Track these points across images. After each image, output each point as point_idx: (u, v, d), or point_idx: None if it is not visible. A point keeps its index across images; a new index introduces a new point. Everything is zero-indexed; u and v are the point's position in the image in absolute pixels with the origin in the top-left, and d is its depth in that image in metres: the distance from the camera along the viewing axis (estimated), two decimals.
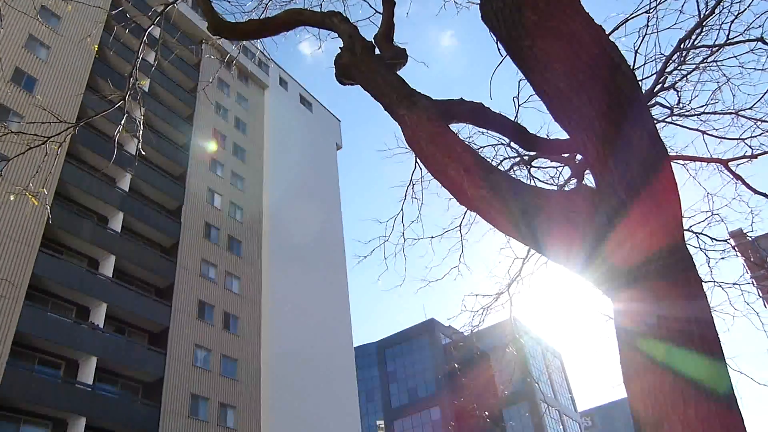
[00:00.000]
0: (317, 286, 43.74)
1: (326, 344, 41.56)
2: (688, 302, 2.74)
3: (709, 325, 2.76)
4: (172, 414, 28.64)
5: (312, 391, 37.82)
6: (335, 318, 44.62)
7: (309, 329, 40.53)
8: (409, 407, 58.98)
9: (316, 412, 37.18)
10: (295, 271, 41.88)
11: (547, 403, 56.07)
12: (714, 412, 2.38)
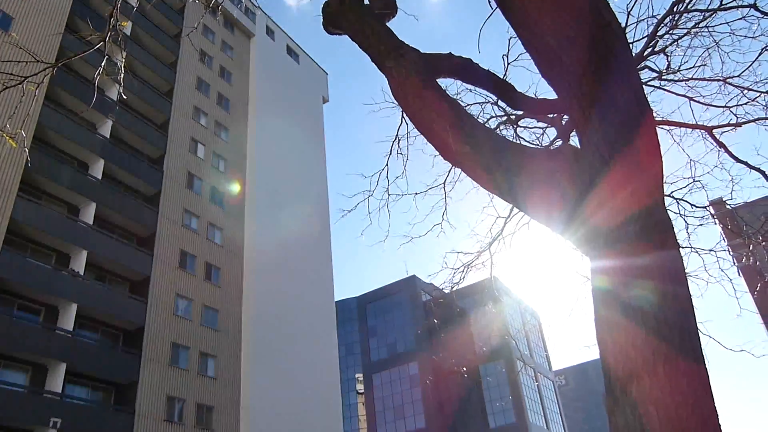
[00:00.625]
0: (300, 240, 43.82)
1: (307, 298, 41.90)
2: (663, 264, 2.78)
3: (683, 287, 2.81)
4: (152, 362, 28.88)
5: (292, 344, 38.29)
6: (317, 272, 44.89)
7: (291, 282, 40.77)
8: (388, 362, 60.08)
9: (296, 365, 37.72)
10: (278, 224, 41.85)
11: (523, 362, 57.30)
12: (682, 371, 2.44)
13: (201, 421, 30.20)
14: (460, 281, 7.75)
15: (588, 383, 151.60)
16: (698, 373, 2.49)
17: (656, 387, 2.41)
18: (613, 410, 2.55)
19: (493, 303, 7.84)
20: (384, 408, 58.00)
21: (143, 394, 27.93)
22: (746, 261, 8.72)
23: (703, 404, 2.43)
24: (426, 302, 59.70)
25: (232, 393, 32.34)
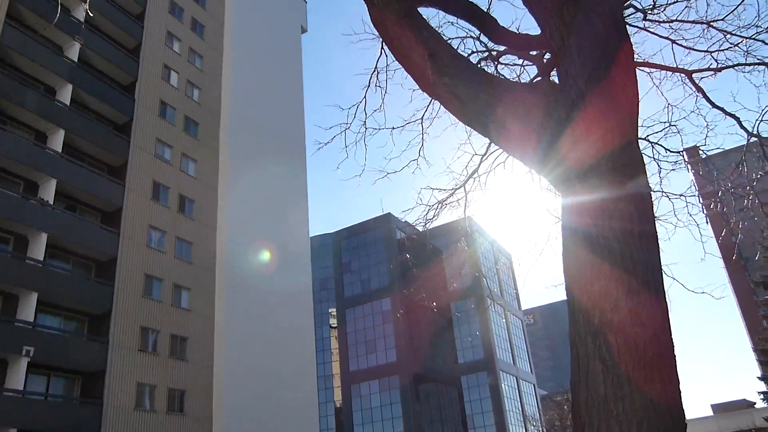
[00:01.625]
0: (276, 173, 43.51)
1: (282, 232, 41.97)
2: (633, 203, 2.80)
3: (651, 227, 2.84)
4: (126, 292, 28.89)
5: (267, 277, 38.57)
6: (293, 206, 44.84)
7: (266, 216, 40.71)
8: (362, 297, 61.06)
9: (270, 298, 38.12)
10: (253, 156, 41.40)
11: (494, 300, 58.71)
12: (642, 302, 2.52)
13: (175, 352, 30.56)
14: (435, 218, 7.76)
15: (555, 323, 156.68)
16: (659, 307, 2.58)
17: (618, 318, 2.49)
18: (576, 340, 2.62)
19: (466, 242, 7.91)
20: (356, 342, 59.36)
21: (117, 324, 28.03)
22: (714, 207, 8.87)
23: (662, 335, 2.52)
24: (400, 240, 60.27)
25: (206, 325, 32.66)
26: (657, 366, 2.45)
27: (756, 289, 33.90)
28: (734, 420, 34.90)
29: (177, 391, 29.89)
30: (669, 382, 2.46)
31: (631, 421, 2.36)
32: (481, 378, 58.63)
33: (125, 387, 27.41)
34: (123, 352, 27.81)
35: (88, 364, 26.69)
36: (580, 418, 2.50)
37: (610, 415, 2.39)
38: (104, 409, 26.20)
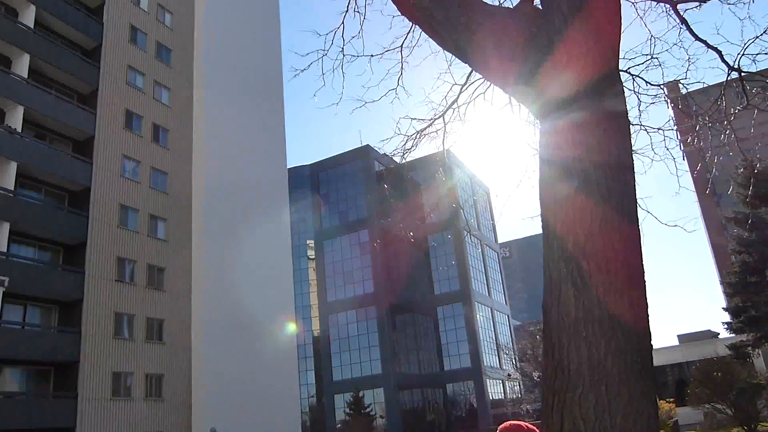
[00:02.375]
0: (252, 103, 42.68)
1: (260, 163, 41.58)
2: (612, 131, 2.80)
3: (628, 158, 2.86)
4: (100, 223, 28.65)
5: (244, 209, 38.45)
6: (270, 137, 44.27)
7: (242, 147, 40.19)
8: (339, 229, 61.36)
9: (247, 230, 38.12)
10: (229, 85, 40.45)
11: (469, 231, 59.43)
12: (617, 230, 2.56)
13: (153, 282, 30.68)
14: (413, 148, 7.70)
15: (530, 256, 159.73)
16: (631, 234, 2.62)
17: (591, 243, 2.53)
18: (550, 264, 2.66)
19: (444, 174, 7.88)
20: (334, 273, 60.07)
21: (92, 255, 27.93)
22: (691, 142, 8.92)
23: (633, 262, 2.58)
24: (379, 172, 60.19)
25: (182, 255, 32.70)
26: (627, 291, 2.51)
27: (727, 225, 34.74)
28: (698, 349, 36.48)
29: (155, 321, 30.20)
30: (638, 307, 2.53)
31: (599, 342, 2.43)
32: (457, 309, 60.12)
33: (103, 316, 27.60)
34: (99, 282, 27.84)
35: (64, 294, 26.73)
36: (550, 339, 2.57)
37: (579, 337, 2.46)
38: (82, 337, 26.45)
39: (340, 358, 57.26)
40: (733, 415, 24.13)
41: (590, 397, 2.39)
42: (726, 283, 29.92)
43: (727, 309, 30.77)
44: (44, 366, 26.27)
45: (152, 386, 29.14)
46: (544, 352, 2.63)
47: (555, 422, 2.46)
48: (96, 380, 26.52)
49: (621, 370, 2.41)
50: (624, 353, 2.43)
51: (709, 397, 24.88)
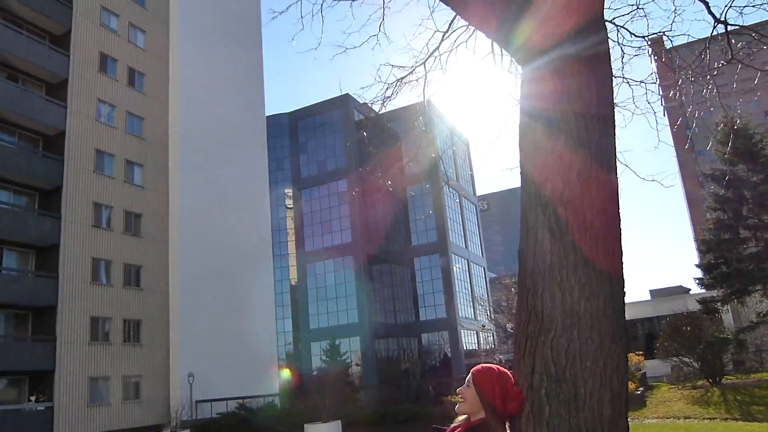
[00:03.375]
0: (229, 46, 41.67)
1: (237, 109, 40.89)
2: (594, 84, 2.78)
3: (608, 109, 2.84)
4: (76, 167, 28.17)
5: (222, 156, 37.99)
6: (248, 83, 43.45)
7: (220, 93, 39.42)
8: (318, 178, 61.04)
9: (225, 177, 37.77)
10: (206, 29, 39.35)
11: (449, 184, 59.56)
12: (594, 179, 2.57)
13: (130, 228, 30.46)
14: (393, 96, 7.60)
15: (508, 209, 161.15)
16: (609, 183, 2.64)
17: (569, 190, 2.55)
18: (527, 211, 2.67)
19: (424, 124, 7.80)
20: (312, 222, 60.07)
21: (68, 200, 27.57)
22: (673, 96, 8.93)
23: (610, 210, 2.60)
24: (358, 122, 59.59)
25: (160, 202, 32.40)
26: (603, 238, 2.54)
27: (704, 182, 35.12)
28: (669, 304, 37.36)
29: (133, 267, 30.13)
30: (613, 254, 2.56)
31: (573, 288, 2.47)
32: (434, 260, 60.72)
33: (80, 261, 27.46)
34: (76, 227, 27.57)
35: (41, 239, 26.46)
36: (525, 285, 2.60)
37: (554, 282, 2.49)
38: (60, 282, 26.35)
39: (317, 306, 57.82)
40: (699, 368, 24.92)
41: (562, 341, 2.44)
42: (700, 239, 30.39)
43: (699, 265, 31.38)
44: (22, 309, 26.25)
45: (130, 331, 29.28)
46: (519, 297, 2.66)
47: (527, 365, 2.51)
48: (74, 324, 26.56)
49: (593, 315, 2.46)
50: (597, 299, 2.47)
51: (677, 351, 25.63)
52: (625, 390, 2.49)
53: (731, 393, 21.19)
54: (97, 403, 26.98)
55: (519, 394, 2.46)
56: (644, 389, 26.06)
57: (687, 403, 20.50)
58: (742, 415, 17.53)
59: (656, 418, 18.40)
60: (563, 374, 2.40)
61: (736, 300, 28.54)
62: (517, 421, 2.47)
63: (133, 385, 28.79)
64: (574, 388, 2.38)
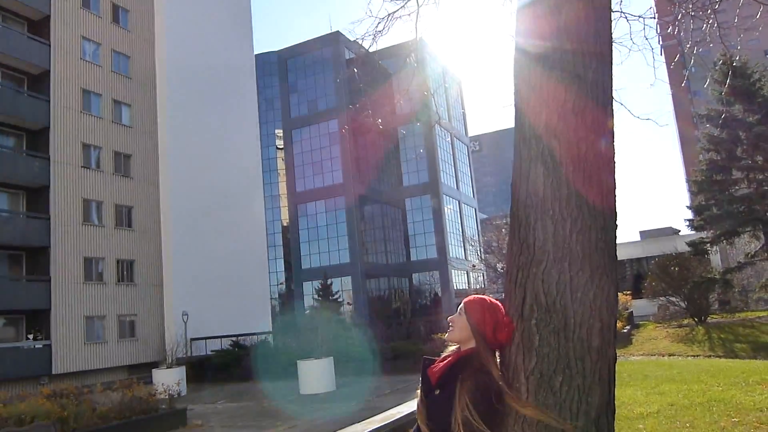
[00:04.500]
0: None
1: (226, 49, 39.96)
2: (590, 13, 2.71)
3: (607, 44, 2.78)
4: (63, 107, 27.69)
5: (211, 94, 37.35)
6: (236, 19, 42.31)
7: (207, 30, 38.41)
8: (308, 118, 60.39)
9: (214, 115, 37.26)
10: None
11: (440, 124, 59.11)
12: (589, 110, 2.54)
13: (119, 169, 30.23)
14: (384, 31, 7.41)
15: (500, 150, 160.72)
16: (604, 117, 2.61)
17: (563, 122, 2.52)
18: (520, 143, 2.65)
19: (416, 61, 7.61)
20: (303, 163, 59.78)
21: (56, 140, 27.22)
22: (672, 31, 8.76)
23: (604, 142, 2.58)
24: (349, 60, 58.49)
25: (149, 142, 32.06)
26: (596, 171, 2.52)
27: (699, 122, 34.91)
28: (659, 245, 37.65)
29: (124, 207, 30.07)
30: (606, 188, 2.55)
31: (566, 220, 2.47)
32: (425, 201, 60.94)
33: (71, 203, 27.36)
34: (65, 168, 27.33)
35: (30, 180, 26.27)
36: (517, 217, 2.60)
37: (546, 214, 2.49)
38: (51, 223, 26.32)
39: (309, 247, 58.24)
40: (685, 307, 25.39)
41: (553, 273, 2.45)
42: (692, 180, 30.39)
43: (690, 207, 31.54)
44: (16, 250, 26.29)
45: (124, 271, 29.47)
46: (511, 229, 2.66)
47: (517, 296, 2.53)
48: (68, 265, 26.69)
49: (585, 247, 2.46)
50: (589, 231, 2.48)
51: (665, 291, 26.03)
52: (614, 321, 2.53)
53: (715, 331, 21.72)
54: (93, 341, 27.40)
55: (509, 324, 2.49)
56: (631, 328, 26.65)
57: (672, 341, 21.05)
58: (725, 352, 18.04)
59: (642, 355, 18.93)
60: (554, 305, 2.43)
61: (725, 241, 28.81)
62: (507, 351, 2.51)
63: (128, 324, 29.21)
64: (564, 319, 2.42)
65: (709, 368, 12.63)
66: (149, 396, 13.47)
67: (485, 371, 2.39)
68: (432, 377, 2.50)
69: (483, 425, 2.28)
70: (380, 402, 13.87)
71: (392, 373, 19.93)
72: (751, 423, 6.69)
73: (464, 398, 2.30)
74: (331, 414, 13.10)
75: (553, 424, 2.35)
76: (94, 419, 11.96)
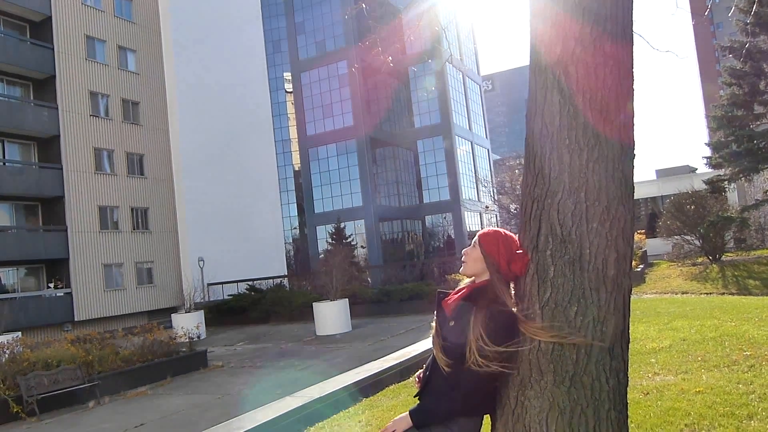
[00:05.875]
0: None
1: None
2: None
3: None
4: (67, 55, 27.38)
5: (217, 40, 36.76)
6: None
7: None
8: (317, 60, 59.33)
9: (222, 62, 36.76)
10: None
11: (452, 63, 57.95)
12: (608, 36, 2.44)
13: (128, 116, 30.11)
14: None
15: (513, 90, 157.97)
16: (624, 46, 2.49)
17: (581, 48, 2.43)
18: (536, 71, 2.56)
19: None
20: (313, 106, 59.10)
21: (63, 89, 27.06)
22: None
23: (623, 68, 2.47)
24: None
25: (156, 88, 31.79)
26: (614, 99, 2.43)
27: (721, 56, 33.80)
28: (675, 183, 37.00)
29: (135, 155, 30.11)
30: (624, 116, 2.47)
31: (582, 150, 2.40)
32: (437, 142, 60.35)
33: (82, 152, 27.42)
34: (74, 116, 27.27)
35: (40, 130, 26.27)
36: (532, 148, 2.53)
37: (562, 144, 2.42)
38: (64, 172, 26.46)
39: (321, 191, 58.22)
40: (700, 246, 25.18)
41: (569, 203, 2.40)
42: (711, 116, 29.62)
43: (709, 144, 30.83)
44: (31, 201, 26.58)
45: (138, 218, 29.76)
46: (525, 161, 2.60)
47: (532, 228, 2.49)
48: (83, 214, 26.97)
49: (601, 177, 2.40)
50: (606, 161, 2.41)
51: (680, 229, 25.77)
52: (630, 251, 2.49)
53: (729, 269, 21.62)
54: (112, 288, 27.95)
55: (524, 255, 2.46)
56: (644, 267, 26.60)
57: (685, 280, 21.01)
58: (739, 290, 17.97)
59: (654, 293, 18.97)
60: (569, 235, 2.39)
61: (743, 178, 28.25)
62: (521, 282, 2.49)
63: (145, 271, 29.69)
64: (579, 249, 2.38)
65: (722, 305, 12.64)
66: (170, 339, 13.82)
67: (499, 302, 2.38)
68: (446, 309, 2.50)
69: (498, 354, 2.29)
70: (395, 341, 14.12)
71: (406, 313, 20.22)
72: (763, 356, 6.73)
73: (478, 328, 2.30)
74: (348, 353, 13.38)
75: (568, 341, 2.34)
76: (118, 362, 12.33)
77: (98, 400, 10.92)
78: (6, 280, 26.09)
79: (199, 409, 9.38)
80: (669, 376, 6.24)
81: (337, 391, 8.24)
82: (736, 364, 6.42)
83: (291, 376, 11.34)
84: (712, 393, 5.25)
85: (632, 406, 2.98)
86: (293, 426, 7.02)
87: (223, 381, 11.84)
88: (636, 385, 5.83)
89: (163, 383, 12.29)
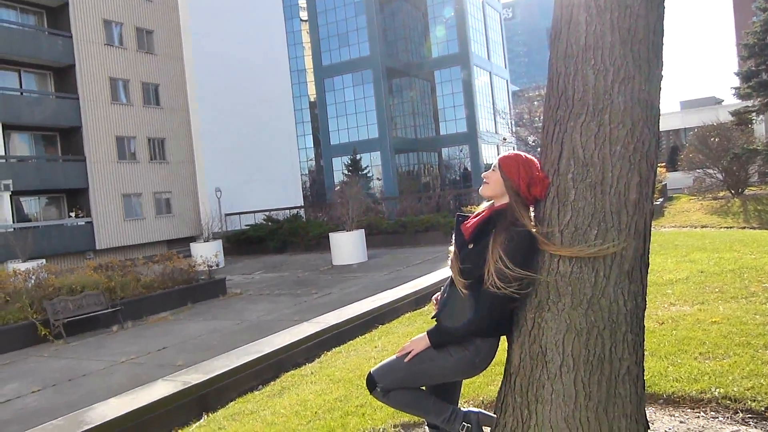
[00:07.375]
0: None
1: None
2: None
3: None
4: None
5: (236, 26, 35.83)
6: None
7: None
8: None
9: (239, 46, 35.95)
10: None
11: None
12: None
13: (143, 45, 29.74)
14: None
15: (534, 18, 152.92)
16: None
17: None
18: None
19: None
20: (328, 35, 57.87)
21: (77, 18, 26.68)
22: None
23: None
24: None
25: (171, 16, 31.24)
26: (643, 15, 2.33)
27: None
28: (698, 115, 35.58)
29: (150, 85, 29.92)
30: (653, 34, 2.37)
31: (608, 70, 2.32)
32: (454, 72, 59.14)
33: (98, 81, 27.29)
34: (88, 46, 27.01)
35: (55, 59, 26.10)
36: (556, 69, 2.46)
37: (587, 64, 2.34)
38: (81, 102, 26.44)
39: (337, 122, 57.79)
40: (722, 179, 24.69)
41: (592, 125, 2.35)
42: (742, 44, 28.50)
43: (738, 73, 29.82)
44: (49, 131, 26.71)
45: (155, 149, 29.86)
46: (549, 82, 2.53)
47: (554, 151, 2.45)
48: (101, 144, 27.11)
49: (627, 98, 2.34)
50: (632, 81, 2.34)
51: (702, 163, 25.22)
52: (653, 175, 2.45)
53: (752, 203, 21.27)
54: (131, 217, 28.37)
55: (544, 179, 2.44)
56: (664, 200, 26.25)
57: (706, 213, 20.75)
58: (761, 224, 17.69)
59: (673, 227, 18.78)
60: (591, 158, 2.35)
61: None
62: (541, 205, 2.47)
63: (164, 201, 30.03)
64: (602, 173, 2.34)
65: (743, 238, 12.54)
66: (189, 267, 14.11)
67: (519, 224, 2.37)
68: (465, 232, 2.50)
69: (516, 276, 2.30)
70: (410, 271, 14.31)
71: (422, 244, 20.39)
72: None
73: (497, 251, 2.31)
74: (364, 283, 13.60)
75: (589, 253, 2.33)
76: (139, 289, 12.65)
77: (122, 324, 11.28)
78: (28, 209, 26.56)
79: (219, 334, 9.66)
80: (685, 307, 6.27)
81: (354, 317, 8.43)
82: (755, 296, 6.42)
83: (308, 303, 11.59)
84: (728, 323, 5.28)
85: (647, 335, 3.00)
86: (310, 350, 7.23)
87: (242, 308, 12.13)
88: (651, 314, 5.86)
89: (183, 309, 12.63)
